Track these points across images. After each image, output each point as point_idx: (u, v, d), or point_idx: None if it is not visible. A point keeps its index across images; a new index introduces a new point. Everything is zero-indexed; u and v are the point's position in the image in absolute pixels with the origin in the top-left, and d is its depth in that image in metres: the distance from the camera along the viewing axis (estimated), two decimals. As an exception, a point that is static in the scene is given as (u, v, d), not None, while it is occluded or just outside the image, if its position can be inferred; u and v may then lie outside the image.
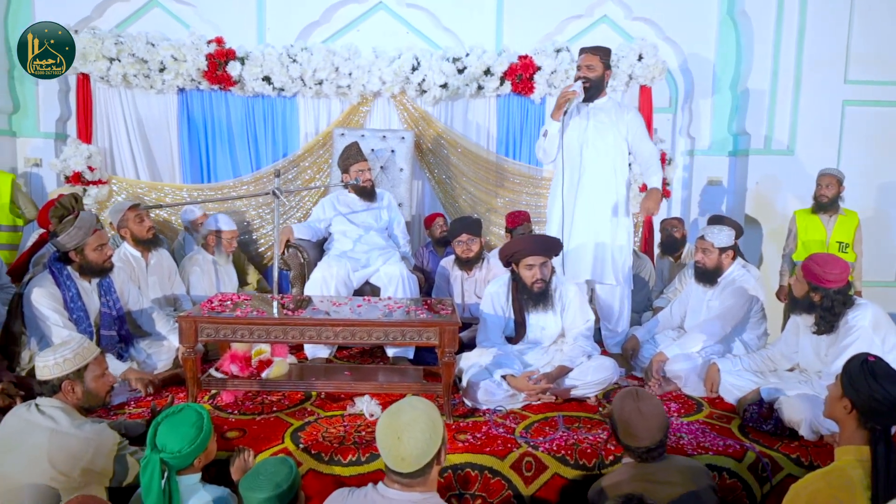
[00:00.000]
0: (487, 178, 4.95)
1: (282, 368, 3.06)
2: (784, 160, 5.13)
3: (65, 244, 2.95)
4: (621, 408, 2.14)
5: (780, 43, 5.03)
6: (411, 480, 1.77)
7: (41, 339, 2.95)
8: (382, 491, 1.80)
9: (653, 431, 2.08)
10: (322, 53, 4.59)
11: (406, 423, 1.75)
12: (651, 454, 2.11)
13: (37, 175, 5.10)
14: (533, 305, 3.16)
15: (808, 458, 2.56)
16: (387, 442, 1.75)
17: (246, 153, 4.89)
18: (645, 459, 2.12)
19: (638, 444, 2.10)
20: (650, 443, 2.09)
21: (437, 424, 1.80)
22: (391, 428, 1.76)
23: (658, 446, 2.11)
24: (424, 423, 1.76)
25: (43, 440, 2.04)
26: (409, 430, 1.73)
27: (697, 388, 3.19)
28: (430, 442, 1.74)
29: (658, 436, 2.09)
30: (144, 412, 2.78)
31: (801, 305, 2.79)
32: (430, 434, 1.75)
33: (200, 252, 3.95)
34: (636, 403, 2.11)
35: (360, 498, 1.83)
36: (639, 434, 2.08)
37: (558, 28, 5.17)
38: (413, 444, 1.72)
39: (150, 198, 4.72)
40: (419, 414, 1.78)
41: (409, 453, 1.72)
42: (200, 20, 4.96)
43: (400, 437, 1.72)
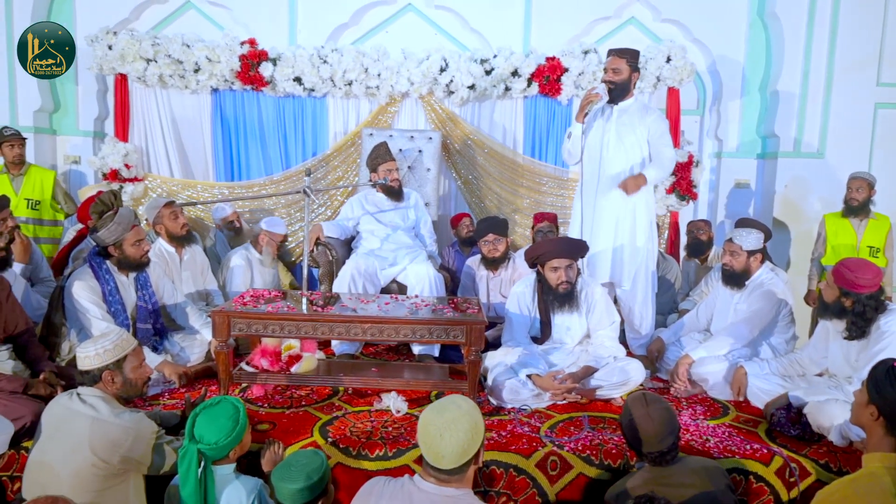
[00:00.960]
0: (513, 179, 4.98)
1: (311, 364, 3.13)
2: (814, 163, 5.07)
3: (104, 239, 3.04)
4: (631, 414, 2.15)
5: (812, 44, 4.97)
6: (448, 477, 1.79)
7: (80, 331, 3.05)
8: (418, 483, 1.83)
9: (664, 435, 2.09)
10: (352, 55, 4.66)
11: (450, 421, 1.77)
12: (664, 458, 2.12)
13: (76, 172, 5.25)
14: (559, 306, 3.18)
15: (837, 464, 2.54)
16: (429, 437, 1.78)
17: (277, 152, 4.99)
18: (659, 463, 2.13)
19: (650, 449, 2.11)
20: (662, 447, 2.09)
21: (479, 426, 1.82)
22: (434, 424, 1.78)
23: (670, 449, 2.12)
24: (468, 424, 1.78)
25: (84, 428, 2.12)
26: (452, 429, 1.75)
27: (724, 391, 3.18)
28: (470, 442, 1.77)
29: (669, 439, 2.10)
30: (178, 403, 2.86)
31: (831, 310, 2.76)
32: (472, 435, 1.77)
33: (248, 248, 4.07)
34: (646, 409, 2.12)
35: (396, 488, 1.87)
36: (651, 439, 2.09)
37: (586, 29, 5.16)
38: (454, 443, 1.74)
39: (184, 195, 4.84)
40: (463, 414, 1.80)
41: (450, 451, 1.74)
42: (234, 22, 5.07)
43: (442, 434, 1.75)
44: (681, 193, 4.82)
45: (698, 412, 3.01)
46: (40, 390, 2.60)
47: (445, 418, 1.78)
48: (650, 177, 3.57)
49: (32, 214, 4.50)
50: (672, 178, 4.79)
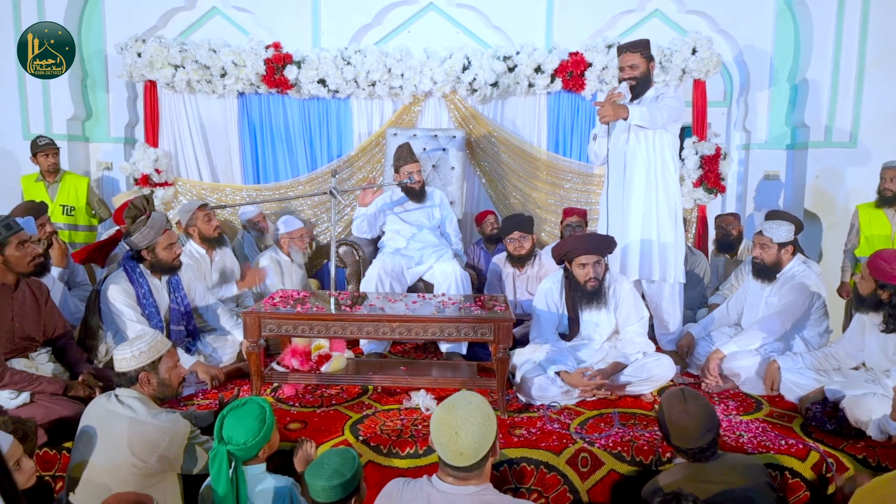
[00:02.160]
0: (538, 176, 4.96)
1: (340, 363, 3.16)
2: (846, 153, 4.95)
3: (137, 243, 3.11)
4: (669, 410, 2.13)
5: (843, 31, 4.85)
6: (467, 474, 1.79)
7: (116, 334, 3.12)
8: (437, 484, 1.83)
9: (702, 432, 2.06)
10: (375, 55, 4.69)
11: (462, 417, 1.77)
12: (704, 454, 2.09)
13: (108, 178, 5.38)
14: (587, 303, 3.16)
15: (875, 460, 2.49)
16: (444, 437, 1.77)
17: (302, 154, 5.05)
18: (698, 459, 2.11)
19: (689, 446, 2.08)
20: (702, 443, 2.07)
21: (491, 417, 1.82)
22: (448, 423, 1.78)
23: (710, 445, 2.09)
24: (480, 417, 1.78)
25: (123, 428, 2.17)
26: (466, 425, 1.75)
27: (756, 386, 3.14)
28: (486, 435, 1.77)
29: (709, 436, 2.07)
30: (212, 403, 2.91)
31: (867, 304, 2.70)
32: (487, 427, 1.78)
33: (275, 251, 4.11)
34: (684, 405, 2.09)
35: (415, 489, 1.87)
36: (689, 435, 2.07)
37: (609, 24, 5.12)
38: (471, 438, 1.74)
39: (213, 198, 4.92)
40: (474, 408, 1.80)
41: (468, 447, 1.74)
42: (258, 26, 5.14)
43: (458, 431, 1.74)
44: (708, 187, 4.75)
45: (731, 407, 2.97)
46: (80, 392, 2.67)
47: (458, 415, 1.78)
48: (633, 112, 3.38)
49: (68, 220, 4.62)
50: (699, 171, 4.73)
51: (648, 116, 3.39)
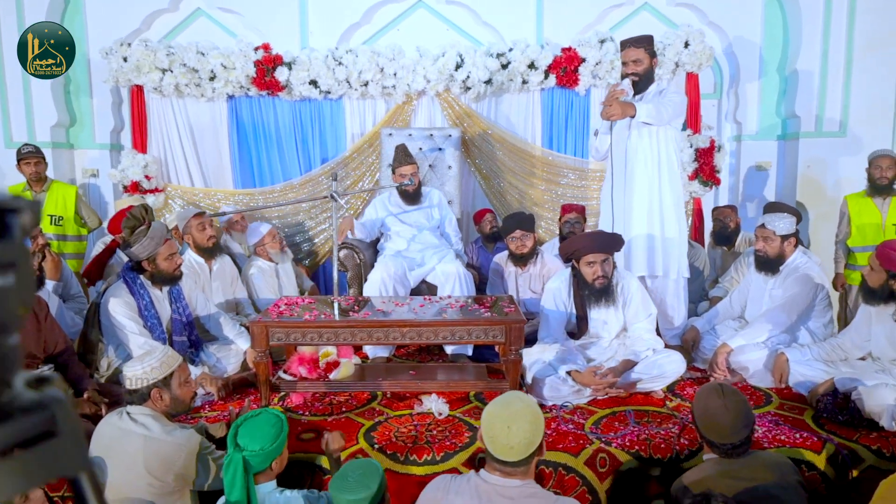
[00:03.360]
0: (534, 173, 4.95)
1: (349, 369, 3.12)
2: (836, 142, 5.01)
3: (138, 254, 3.04)
4: (706, 404, 2.12)
5: (831, 22, 4.90)
6: (514, 469, 1.81)
7: (118, 347, 3.05)
8: (485, 476, 1.86)
9: (738, 427, 2.06)
10: (367, 55, 4.63)
11: (515, 412, 1.81)
12: (737, 450, 2.09)
13: (94, 185, 5.25)
14: (595, 301, 3.16)
15: (890, 450, 2.52)
16: (496, 431, 1.81)
17: (295, 156, 4.98)
18: (730, 455, 2.10)
19: (723, 441, 2.08)
20: (736, 439, 2.07)
21: (541, 417, 1.86)
22: (501, 418, 1.81)
23: (744, 442, 2.08)
24: (532, 415, 1.82)
25: (138, 447, 2.11)
26: (519, 421, 1.79)
27: (764, 378, 3.16)
28: (536, 432, 1.80)
29: (744, 432, 2.07)
30: (220, 415, 2.86)
31: (879, 296, 2.72)
32: (537, 425, 1.82)
33: (257, 259, 4.03)
34: (722, 399, 2.08)
35: (462, 483, 1.89)
36: (725, 431, 2.06)
37: (599, 17, 5.11)
38: (522, 434, 1.77)
39: (204, 204, 4.83)
40: (526, 406, 1.85)
41: (518, 442, 1.77)
42: (245, 27, 5.04)
43: (510, 426, 1.78)
44: (704, 179, 4.79)
45: (741, 401, 2.99)
46: (85, 409, 2.60)
47: (511, 410, 1.82)
48: (640, 109, 3.40)
49: (56, 230, 4.50)
50: (694, 164, 4.75)
51: (655, 113, 3.39)
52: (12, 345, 0.42)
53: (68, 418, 0.44)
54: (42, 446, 0.42)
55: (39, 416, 0.42)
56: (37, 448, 0.41)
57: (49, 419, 0.42)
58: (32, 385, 0.44)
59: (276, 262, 4.06)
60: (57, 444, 0.42)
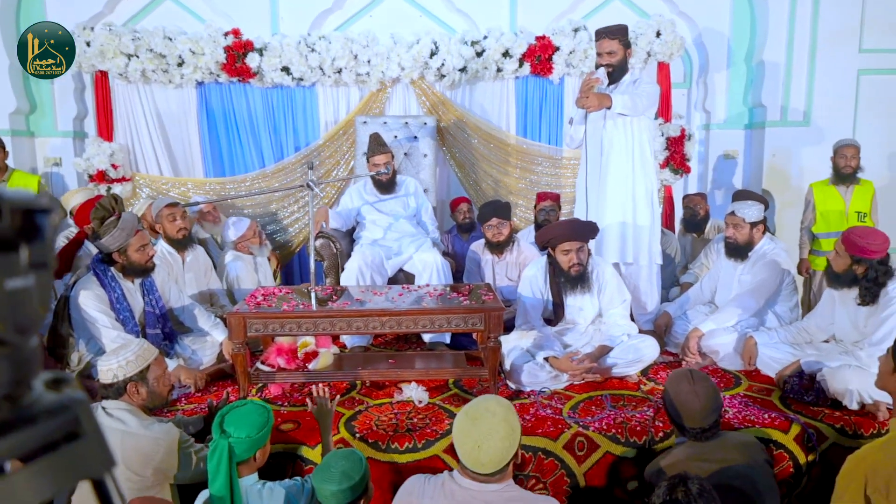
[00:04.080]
0: (508, 161, 4.97)
1: (328, 359, 3.11)
2: (800, 131, 5.14)
3: (108, 246, 2.97)
4: (677, 390, 2.17)
5: (795, 13, 5.01)
6: (488, 478, 1.79)
7: (89, 341, 3.00)
8: (459, 480, 1.83)
9: (708, 412, 2.13)
10: (340, 42, 4.57)
11: (486, 432, 1.75)
12: (706, 434, 2.15)
13: (57, 174, 5.09)
14: (571, 288, 3.20)
15: (852, 428, 2.63)
16: (466, 448, 1.77)
17: (268, 144, 4.89)
18: (700, 439, 2.17)
19: (694, 425, 2.14)
20: (706, 423, 2.13)
21: (516, 429, 1.81)
22: (470, 436, 1.77)
23: (713, 426, 2.15)
24: (504, 431, 1.76)
25: (115, 442, 2.08)
26: (490, 439, 1.74)
27: (734, 361, 3.25)
28: (509, 449, 1.77)
29: (713, 416, 2.14)
30: (197, 408, 2.83)
31: (843, 280, 2.82)
32: (510, 441, 1.77)
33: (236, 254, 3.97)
34: (692, 385, 2.14)
35: (437, 485, 1.86)
36: (695, 416, 2.12)
37: (572, 6, 5.12)
38: (493, 453, 1.74)
39: (174, 193, 4.73)
40: (498, 421, 1.78)
41: (489, 460, 1.74)
42: (213, 12, 4.91)
43: (480, 446, 1.74)
44: (675, 167, 4.87)
45: (712, 384, 3.07)
46: (58, 404, 2.55)
47: (481, 430, 1.76)
48: (616, 100, 3.43)
49: (19, 221, 4.36)
50: (665, 152, 4.83)
51: (630, 104, 3.44)
52: (33, 346, 0.41)
53: (90, 419, 0.43)
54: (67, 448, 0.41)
55: (63, 417, 0.42)
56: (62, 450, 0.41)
57: (72, 420, 0.42)
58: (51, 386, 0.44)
59: (254, 255, 4.02)
60: (82, 446, 0.42)
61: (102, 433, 0.44)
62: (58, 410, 0.42)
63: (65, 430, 0.42)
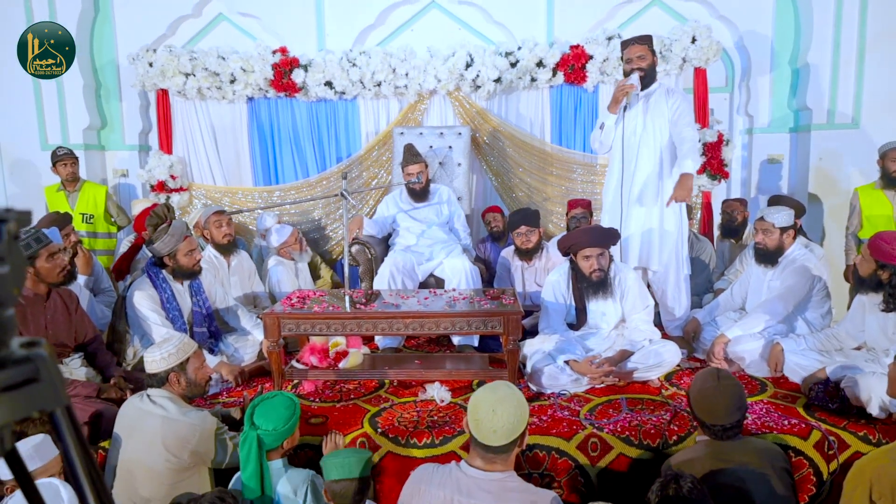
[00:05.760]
0: (543, 168, 5.05)
1: (357, 359, 3.28)
2: (848, 134, 4.99)
3: (160, 250, 3.25)
4: (702, 385, 2.21)
5: (842, 14, 4.87)
6: (495, 456, 1.89)
7: (143, 337, 3.27)
8: (465, 469, 1.94)
9: (731, 410, 2.14)
10: (379, 56, 4.78)
11: (501, 397, 1.89)
12: (727, 433, 2.17)
13: (124, 185, 5.52)
14: (593, 293, 3.26)
15: (876, 436, 2.58)
16: (481, 414, 1.88)
17: (312, 155, 5.17)
18: (720, 438, 2.19)
19: (714, 422, 2.16)
20: (727, 421, 2.15)
21: (525, 407, 1.94)
22: (487, 401, 1.89)
23: (735, 426, 2.17)
24: (517, 401, 1.90)
25: (156, 426, 2.31)
26: (504, 405, 1.86)
27: (761, 368, 3.22)
28: (519, 419, 1.88)
29: (737, 415, 2.15)
30: (237, 401, 3.05)
31: (867, 284, 2.78)
32: (521, 411, 1.89)
33: (279, 259, 4.23)
34: (716, 382, 2.18)
35: (444, 474, 1.97)
36: (717, 412, 2.15)
37: (609, 14, 5.16)
38: (506, 418, 1.85)
39: (226, 201, 5.05)
40: (512, 393, 1.93)
41: (502, 426, 1.84)
42: (264, 31, 5.23)
43: (495, 409, 1.86)
44: (712, 173, 4.82)
45: (736, 390, 3.06)
46: (112, 394, 2.81)
47: (498, 395, 1.90)
48: (691, 168, 3.48)
49: (88, 228, 4.76)
50: (703, 158, 4.79)
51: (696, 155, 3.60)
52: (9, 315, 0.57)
53: (48, 370, 0.59)
54: (26, 388, 0.57)
55: (26, 366, 0.57)
56: (22, 389, 0.56)
57: (34, 369, 0.57)
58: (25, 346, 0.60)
59: (295, 261, 4.27)
60: (38, 388, 0.57)
61: (57, 381, 0.59)
62: (23, 361, 0.57)
63: (26, 375, 0.57)
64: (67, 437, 0.60)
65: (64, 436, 0.60)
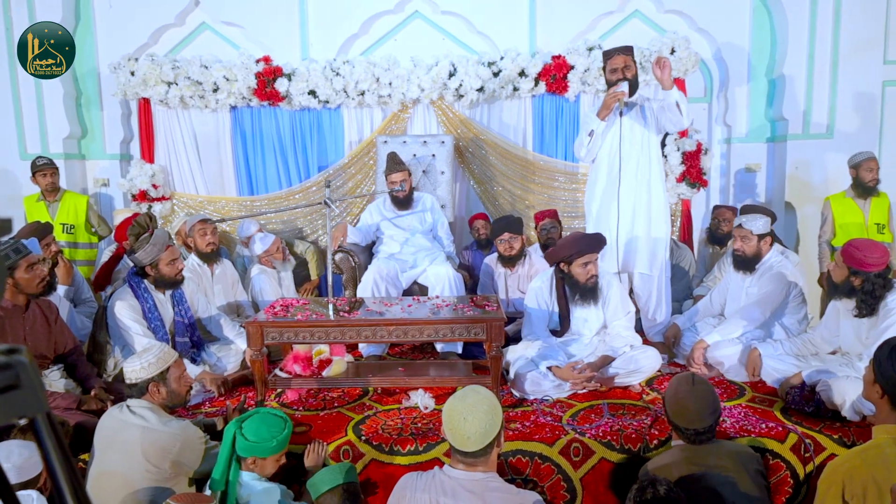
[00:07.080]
0: (525, 176, 5.10)
1: (340, 367, 3.28)
2: (823, 144, 5.11)
3: (141, 260, 3.23)
4: (676, 389, 2.26)
5: (816, 26, 5.00)
6: (475, 460, 1.93)
7: (124, 348, 3.24)
8: (448, 471, 1.98)
9: (704, 414, 2.19)
10: (363, 65, 4.80)
11: (471, 405, 1.92)
12: (700, 437, 2.22)
13: (105, 194, 5.48)
14: (581, 300, 3.29)
15: (850, 438, 2.64)
16: (453, 422, 1.91)
17: (295, 164, 5.17)
18: (694, 442, 2.23)
19: (688, 426, 2.21)
20: (700, 425, 2.19)
21: (498, 410, 1.97)
22: (457, 410, 1.93)
23: (708, 430, 2.22)
24: (487, 406, 1.93)
25: (136, 437, 2.28)
26: (474, 412, 1.89)
27: (739, 373, 3.28)
28: (491, 423, 1.91)
29: (710, 419, 2.20)
30: (219, 411, 3.03)
31: (840, 290, 2.85)
32: (492, 416, 1.92)
33: (262, 268, 4.22)
34: (691, 386, 2.23)
35: (428, 479, 2.00)
36: (690, 416, 2.19)
37: (591, 25, 5.24)
38: (477, 425, 1.88)
39: (209, 210, 5.03)
40: (482, 398, 1.95)
41: (474, 432, 1.88)
42: (248, 40, 5.23)
43: (466, 417, 1.89)
44: (691, 181, 4.90)
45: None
46: (92, 405, 2.78)
47: (467, 403, 1.93)
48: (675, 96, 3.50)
49: (68, 238, 4.70)
50: (682, 166, 4.87)
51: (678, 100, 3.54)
52: (-12, 323, 0.58)
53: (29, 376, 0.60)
54: (7, 395, 0.58)
55: (7, 373, 0.58)
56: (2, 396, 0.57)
57: (14, 376, 0.58)
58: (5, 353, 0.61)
59: (277, 270, 4.26)
60: (19, 394, 0.58)
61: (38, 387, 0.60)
62: (3, 368, 0.58)
63: (6, 382, 0.58)
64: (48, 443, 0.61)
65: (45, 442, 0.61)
